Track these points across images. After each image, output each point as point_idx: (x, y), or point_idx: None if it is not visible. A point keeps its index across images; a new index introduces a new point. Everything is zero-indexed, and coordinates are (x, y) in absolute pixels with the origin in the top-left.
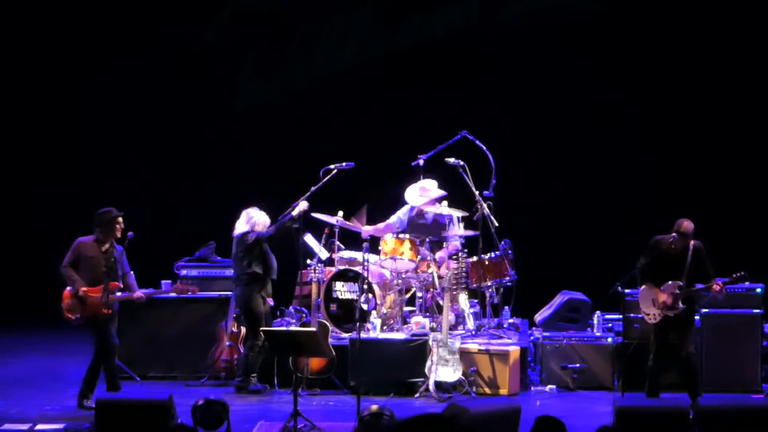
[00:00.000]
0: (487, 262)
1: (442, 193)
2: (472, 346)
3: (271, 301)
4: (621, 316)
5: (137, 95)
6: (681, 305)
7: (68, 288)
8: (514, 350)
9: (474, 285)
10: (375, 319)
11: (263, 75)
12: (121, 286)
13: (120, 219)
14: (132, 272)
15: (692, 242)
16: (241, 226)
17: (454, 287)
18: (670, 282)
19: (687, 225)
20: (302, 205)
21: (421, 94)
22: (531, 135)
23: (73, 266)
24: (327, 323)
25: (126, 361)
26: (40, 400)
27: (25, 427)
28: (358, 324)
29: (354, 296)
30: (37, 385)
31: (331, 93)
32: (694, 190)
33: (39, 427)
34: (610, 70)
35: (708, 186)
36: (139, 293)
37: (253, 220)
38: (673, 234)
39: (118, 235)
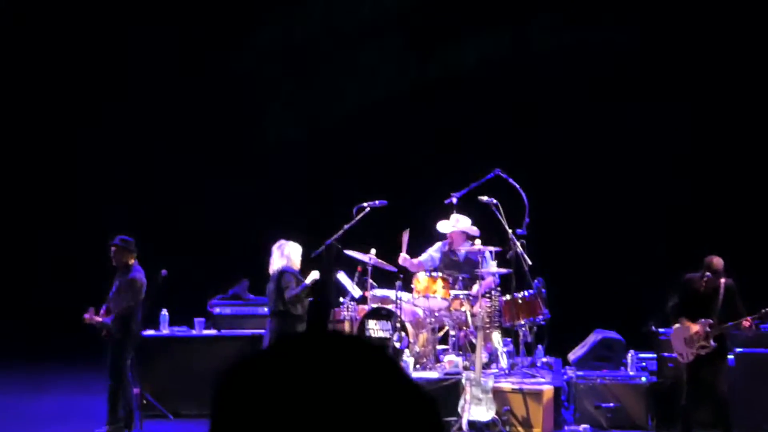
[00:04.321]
0: (520, 301)
1: (473, 229)
2: (506, 385)
3: None
4: (654, 355)
5: (166, 130)
6: (713, 343)
7: None
8: (548, 389)
9: (507, 323)
10: (408, 357)
11: (296, 108)
12: (102, 313)
13: (111, 248)
14: (123, 304)
15: (723, 280)
16: (276, 263)
17: (488, 326)
18: (701, 320)
19: (717, 262)
20: (313, 275)
21: (453, 128)
22: (564, 171)
23: None
24: None
25: (158, 398)
26: None
27: None
28: None
29: (387, 335)
30: (69, 423)
31: (362, 126)
32: (725, 225)
33: None
34: (644, 104)
35: (739, 221)
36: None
37: (287, 253)
38: (706, 273)
39: (113, 262)
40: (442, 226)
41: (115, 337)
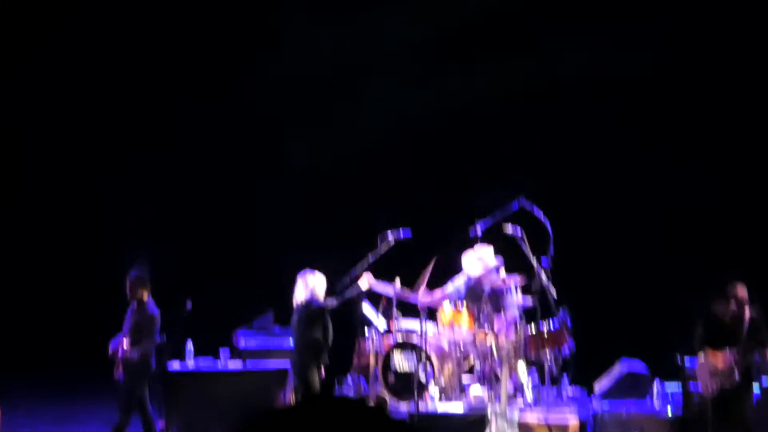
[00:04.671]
0: (545, 332)
1: (497, 263)
2: (531, 417)
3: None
4: (680, 386)
5: (192, 160)
6: (737, 378)
7: None
8: (574, 422)
9: (533, 355)
10: (433, 389)
11: (315, 138)
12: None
13: (128, 281)
14: (147, 341)
15: (747, 309)
16: (300, 294)
17: (513, 357)
18: (727, 351)
19: (741, 290)
20: (367, 279)
21: (475, 155)
22: (588, 201)
23: None
24: (385, 396)
25: None
26: None
27: None
28: (416, 396)
29: (412, 367)
30: None
31: (384, 155)
32: (751, 253)
33: None
34: (669, 133)
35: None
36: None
37: (311, 285)
38: (731, 302)
39: (129, 295)
40: (471, 270)
41: (134, 372)
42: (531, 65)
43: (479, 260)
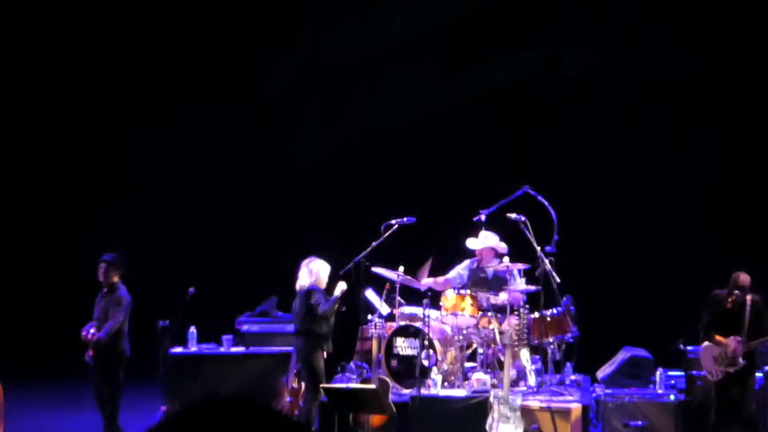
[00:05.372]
0: (548, 318)
1: (502, 246)
2: (534, 403)
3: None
4: (683, 373)
5: (197, 147)
6: (741, 361)
7: None
8: (576, 407)
9: (536, 341)
10: (436, 375)
11: (324, 127)
12: (93, 331)
13: (101, 265)
14: (112, 322)
15: (749, 296)
16: (304, 279)
17: (516, 343)
18: (730, 337)
19: (744, 278)
20: (341, 285)
21: (482, 146)
22: (592, 189)
23: None
24: (388, 380)
25: None
26: None
27: None
28: (418, 380)
29: (415, 352)
30: None
31: (392, 145)
32: (755, 242)
33: None
34: (672, 123)
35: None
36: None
37: (315, 271)
38: (735, 291)
39: (101, 279)
40: (471, 243)
41: (103, 357)
42: (537, 57)
43: (484, 246)
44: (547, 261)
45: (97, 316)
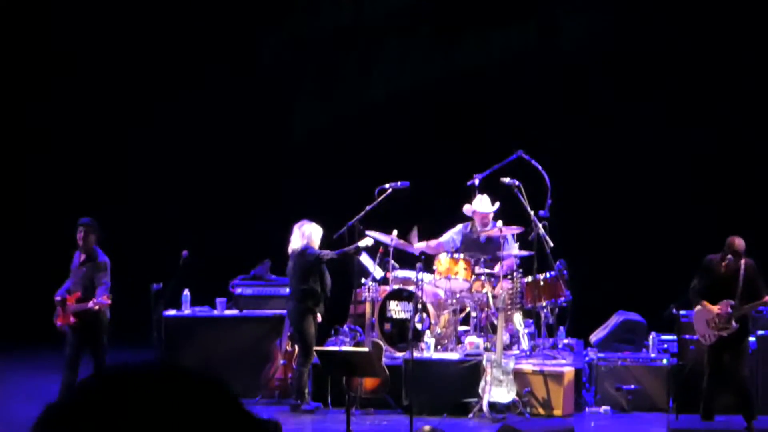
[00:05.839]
0: (542, 283)
1: (494, 207)
2: (527, 366)
3: (318, 318)
4: (676, 338)
5: (193, 114)
6: (734, 324)
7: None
8: (569, 371)
9: (529, 305)
10: (429, 338)
11: (319, 98)
12: (81, 297)
13: (80, 230)
14: (104, 287)
15: (743, 260)
16: (296, 242)
17: (509, 307)
18: (723, 301)
19: (738, 243)
20: (368, 240)
21: (477, 115)
22: (587, 155)
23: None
24: (381, 343)
25: None
26: None
27: None
28: (411, 344)
29: (408, 316)
30: None
31: (387, 113)
32: (749, 207)
33: None
34: (669, 90)
35: (764, 200)
36: (91, 303)
37: (307, 234)
38: (728, 256)
39: (80, 244)
40: (468, 209)
41: (95, 323)
42: (534, 26)
43: (483, 210)
44: (540, 225)
45: (75, 281)
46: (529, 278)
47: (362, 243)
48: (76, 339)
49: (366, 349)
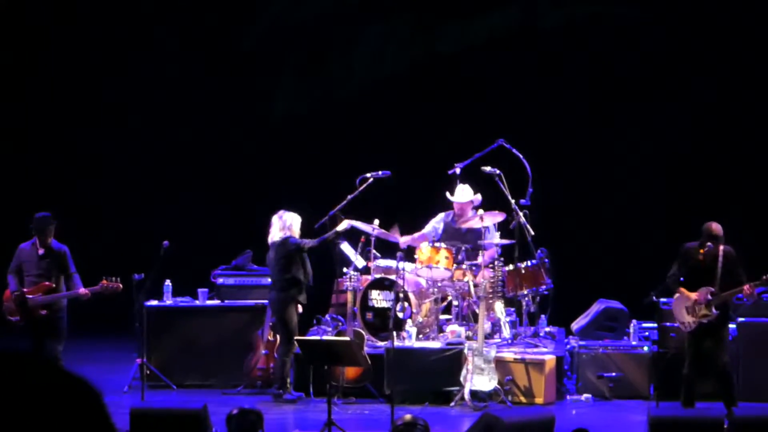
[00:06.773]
0: (523, 271)
1: (477, 197)
2: (508, 354)
3: (299, 308)
4: (657, 325)
5: (173, 102)
6: (714, 311)
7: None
8: (550, 359)
9: (510, 293)
10: (410, 327)
11: (300, 84)
12: (53, 286)
13: (39, 224)
14: (77, 274)
15: (722, 247)
16: (276, 232)
17: (490, 296)
18: (702, 288)
19: (716, 228)
20: (346, 223)
21: (458, 102)
22: (568, 144)
23: (17, 271)
24: (363, 332)
25: (162, 369)
26: None
27: None
28: (393, 333)
29: (390, 305)
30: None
31: (368, 101)
32: (727, 194)
33: None
34: (648, 80)
35: (741, 189)
36: (85, 291)
37: (288, 223)
38: (707, 244)
39: (47, 239)
40: (457, 196)
41: (53, 312)
42: (516, 12)
43: (465, 200)
44: (521, 214)
45: (39, 274)
46: (511, 266)
47: (340, 227)
48: (41, 331)
49: (348, 339)
